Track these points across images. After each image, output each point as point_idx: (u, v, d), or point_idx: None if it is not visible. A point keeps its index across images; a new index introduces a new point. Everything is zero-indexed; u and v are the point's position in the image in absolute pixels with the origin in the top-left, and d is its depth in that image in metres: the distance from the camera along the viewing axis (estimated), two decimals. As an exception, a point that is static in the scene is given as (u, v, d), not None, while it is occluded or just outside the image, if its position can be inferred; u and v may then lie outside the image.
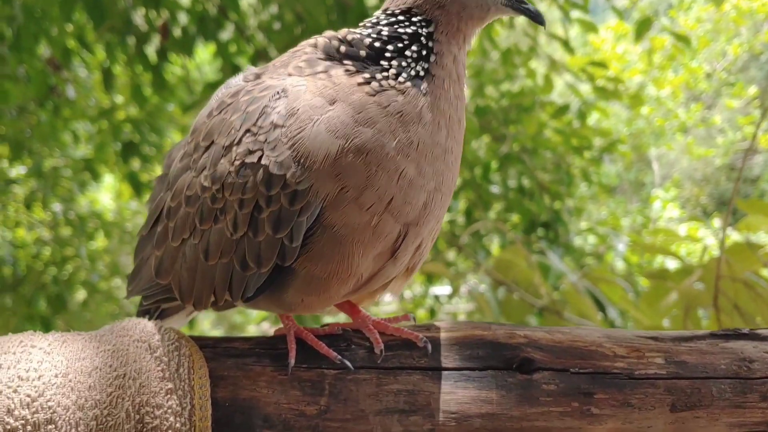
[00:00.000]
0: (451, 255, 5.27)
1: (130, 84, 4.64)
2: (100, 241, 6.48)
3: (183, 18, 4.15)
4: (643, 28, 4.10)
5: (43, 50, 4.61)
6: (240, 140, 1.07)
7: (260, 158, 1.05)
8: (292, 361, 1.10)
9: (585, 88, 4.74)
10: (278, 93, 1.07)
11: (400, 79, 1.07)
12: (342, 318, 1.31)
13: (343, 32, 1.15)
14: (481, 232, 4.94)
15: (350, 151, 1.01)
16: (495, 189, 5.10)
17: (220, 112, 1.15)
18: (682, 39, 4.24)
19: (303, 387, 1.09)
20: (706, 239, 6.80)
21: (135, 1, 3.87)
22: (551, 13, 4.03)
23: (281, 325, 1.19)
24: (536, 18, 1.15)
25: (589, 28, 3.88)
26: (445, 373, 1.13)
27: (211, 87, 4.19)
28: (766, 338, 1.22)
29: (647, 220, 9.78)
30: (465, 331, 1.18)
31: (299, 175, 1.02)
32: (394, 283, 1.23)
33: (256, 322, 7.97)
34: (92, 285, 5.97)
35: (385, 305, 7.45)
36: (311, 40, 1.18)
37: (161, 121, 5.19)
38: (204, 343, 1.12)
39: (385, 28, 1.13)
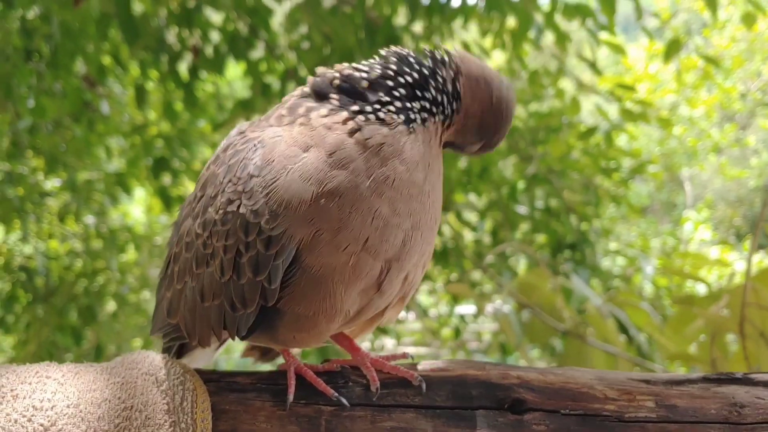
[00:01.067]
0: (476, 274, 5.25)
1: (162, 101, 4.73)
2: (130, 254, 6.57)
3: (215, 36, 4.22)
4: (672, 49, 4.07)
5: (79, 67, 4.72)
6: (223, 190, 1.12)
7: (239, 207, 1.09)
8: (291, 397, 1.13)
9: (614, 109, 4.71)
10: (255, 145, 1.11)
11: (392, 107, 1.11)
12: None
13: (341, 66, 1.18)
14: (506, 252, 4.91)
15: (323, 196, 1.04)
16: (522, 209, 5.08)
17: (213, 165, 1.20)
18: (712, 61, 4.21)
19: (300, 422, 1.11)
20: (735, 263, 6.67)
21: (168, 20, 3.95)
22: (579, 33, 4.02)
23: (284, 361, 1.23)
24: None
25: (618, 50, 3.86)
26: (438, 411, 1.15)
27: (242, 104, 4.26)
28: (758, 383, 1.21)
29: (678, 241, 9.64)
30: (460, 371, 1.20)
31: (272, 221, 1.05)
32: (388, 312, 1.25)
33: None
34: (122, 297, 6.05)
35: (410, 323, 7.45)
36: (306, 85, 1.21)
37: (192, 137, 5.28)
38: (208, 378, 1.15)
39: (396, 63, 1.16)
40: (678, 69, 6.49)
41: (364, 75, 1.13)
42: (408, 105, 1.11)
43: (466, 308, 5.90)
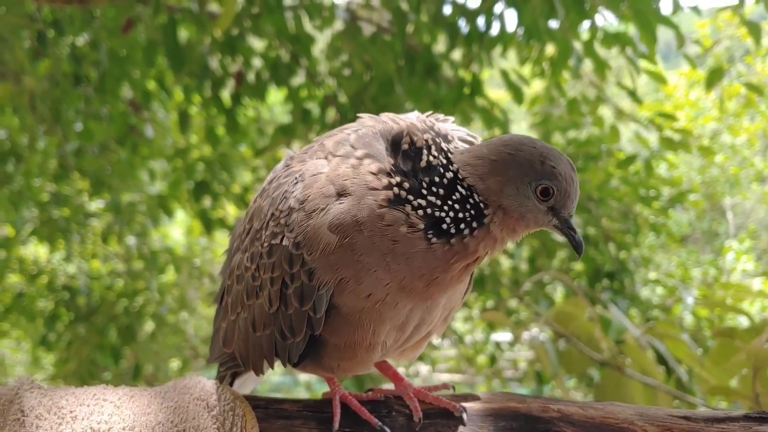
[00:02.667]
0: (513, 302, 5.21)
1: (205, 125, 4.83)
2: (170, 275, 6.66)
3: (257, 63, 4.31)
4: (714, 77, 4.03)
5: (126, 92, 4.85)
6: (267, 224, 1.17)
7: (282, 239, 1.13)
8: (336, 426, 1.15)
9: (654, 138, 4.67)
10: (296, 178, 1.15)
11: (420, 212, 1.08)
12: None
13: (419, 128, 1.15)
14: (544, 280, 4.87)
15: (345, 247, 1.07)
16: (560, 237, 5.04)
17: (260, 198, 1.24)
18: (755, 88, 4.15)
19: (345, 450, 1.13)
20: (779, 295, 6.51)
21: (212, 48, 4.04)
22: (619, 61, 4.00)
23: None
24: (577, 248, 1.18)
25: (659, 78, 3.84)
26: None
27: (282, 130, 4.33)
28: (802, 424, 1.17)
29: (719, 272, 9.43)
30: (501, 403, 1.21)
31: (311, 255, 1.09)
32: (433, 332, 1.29)
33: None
34: (161, 318, 6.13)
35: (445, 350, 7.40)
36: (372, 120, 1.21)
37: (233, 161, 5.36)
38: (257, 404, 1.18)
39: (448, 175, 1.12)
40: (720, 96, 6.38)
41: (430, 160, 1.11)
42: (439, 214, 1.09)
43: (502, 336, 5.85)
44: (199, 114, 5.09)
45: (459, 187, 1.11)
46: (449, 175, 1.11)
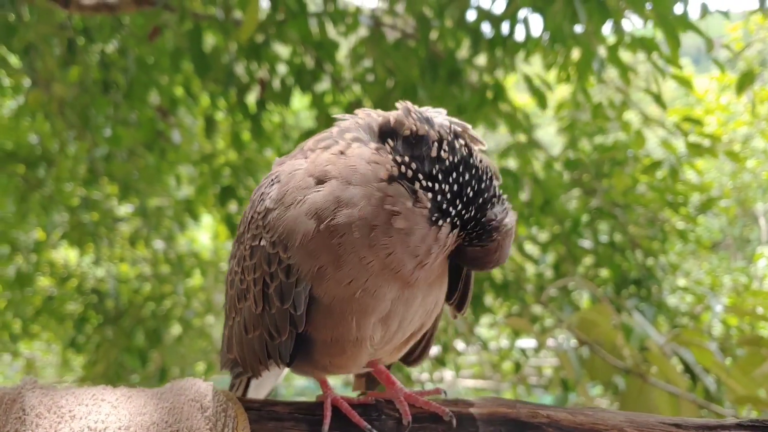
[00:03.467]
0: (538, 308, 5.18)
1: (231, 131, 4.87)
2: (196, 279, 6.73)
3: (282, 69, 4.34)
4: (745, 81, 3.97)
5: (153, 98, 4.92)
6: (248, 227, 1.19)
7: (260, 240, 1.15)
8: (326, 428, 1.17)
9: (682, 143, 4.61)
10: (273, 180, 1.16)
11: (429, 195, 1.07)
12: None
13: (416, 122, 1.14)
14: (569, 287, 4.83)
15: (324, 232, 1.06)
16: (586, 243, 5.00)
17: (248, 205, 1.25)
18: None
19: (334, 452, 1.15)
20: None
21: (237, 54, 4.08)
22: (647, 65, 3.96)
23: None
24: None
25: (685, 83, 3.79)
26: None
27: (307, 135, 4.35)
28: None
29: (750, 279, 9.26)
30: (490, 408, 1.22)
31: (287, 251, 1.10)
32: (416, 335, 1.30)
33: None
34: (187, 321, 6.19)
35: (469, 356, 7.36)
36: (351, 117, 1.21)
37: (258, 166, 5.41)
38: (250, 406, 1.20)
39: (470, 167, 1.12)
40: (751, 100, 6.28)
41: (435, 149, 1.11)
42: (449, 197, 1.09)
43: (528, 342, 5.81)
44: (225, 120, 5.14)
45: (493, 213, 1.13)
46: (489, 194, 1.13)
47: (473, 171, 1.11)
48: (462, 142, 1.14)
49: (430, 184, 1.07)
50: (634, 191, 4.89)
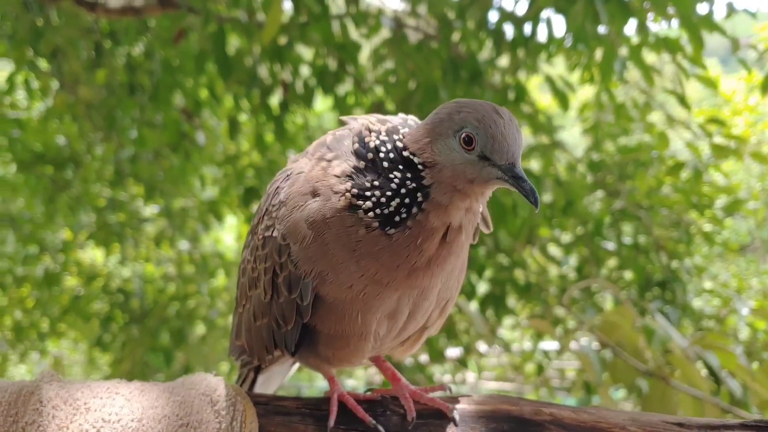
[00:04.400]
0: (561, 310, 5.15)
1: (254, 132, 4.91)
2: (220, 279, 6.78)
3: (305, 71, 4.36)
4: (769, 82, 3.92)
5: (178, 100, 4.97)
6: (262, 218, 1.24)
7: (273, 231, 1.19)
8: (332, 423, 1.19)
9: (708, 144, 4.56)
10: (288, 176, 1.21)
11: (370, 214, 1.10)
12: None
13: (374, 126, 1.18)
14: (593, 289, 4.80)
15: (319, 242, 1.12)
16: (609, 246, 4.96)
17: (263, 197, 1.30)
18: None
19: (339, 446, 1.17)
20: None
21: (261, 56, 4.11)
22: (671, 66, 3.91)
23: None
24: (528, 196, 1.10)
25: (710, 84, 3.75)
26: None
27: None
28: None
29: (778, 282, 9.11)
30: (493, 405, 1.23)
31: (296, 245, 1.15)
32: (429, 325, 1.32)
33: (364, 368, 8.05)
34: (211, 321, 6.24)
35: (491, 358, 7.33)
36: (356, 122, 1.24)
37: (281, 167, 5.44)
38: (258, 400, 1.23)
39: (388, 157, 1.14)
40: (779, 101, 6.19)
41: (370, 156, 1.14)
42: (385, 201, 1.10)
43: (550, 344, 5.77)
44: (248, 121, 5.18)
45: (399, 165, 1.12)
46: (391, 155, 1.13)
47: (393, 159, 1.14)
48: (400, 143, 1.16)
49: (369, 204, 1.10)
50: (659, 193, 4.84)
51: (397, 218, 1.09)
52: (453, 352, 5.46)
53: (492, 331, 4.91)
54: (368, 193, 1.11)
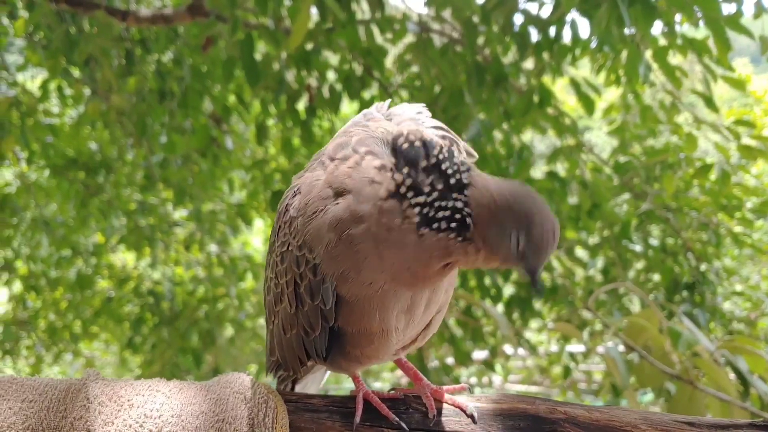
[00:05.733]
0: (588, 313, 5.13)
1: (281, 137, 4.97)
2: (249, 282, 6.86)
3: (331, 75, 4.41)
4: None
5: (207, 106, 5.05)
6: (277, 236, 1.30)
7: (288, 246, 1.25)
8: (357, 420, 1.25)
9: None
10: (294, 192, 1.25)
11: (417, 209, 1.14)
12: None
13: (419, 130, 1.22)
14: (620, 291, 4.77)
15: (342, 242, 1.15)
16: (637, 248, 4.93)
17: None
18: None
19: (364, 442, 1.23)
20: None
21: (288, 62, 4.16)
22: (699, 66, 3.88)
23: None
24: (536, 288, 1.21)
25: (738, 85, 3.72)
26: None
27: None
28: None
29: (811, 285, 8.95)
30: (510, 404, 1.28)
31: (312, 252, 1.20)
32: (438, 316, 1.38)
33: (390, 370, 8.10)
34: (240, 323, 6.32)
35: (517, 360, 7.32)
36: (374, 124, 1.27)
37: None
38: (289, 398, 1.29)
39: (453, 178, 1.17)
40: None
41: (424, 157, 1.17)
42: (435, 206, 1.14)
43: (577, 347, 5.75)
44: (275, 126, 5.24)
45: (459, 198, 1.16)
46: (458, 182, 1.17)
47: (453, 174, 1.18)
48: (450, 149, 1.20)
49: (419, 199, 1.14)
50: (686, 195, 4.80)
51: (435, 225, 1.14)
52: (480, 354, 5.47)
53: (518, 334, 4.91)
54: (425, 189, 1.14)
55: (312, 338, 1.29)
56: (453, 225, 1.14)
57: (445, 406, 1.29)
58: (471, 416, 1.25)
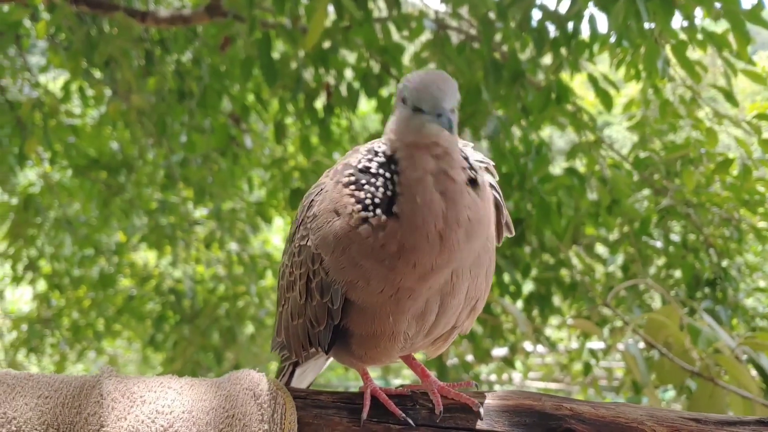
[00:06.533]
0: (608, 310, 5.09)
1: (300, 135, 4.99)
2: (268, 280, 6.89)
3: (349, 74, 4.42)
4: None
5: (225, 105, 5.09)
6: (298, 227, 1.32)
7: (307, 241, 1.27)
8: (365, 416, 1.26)
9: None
10: (321, 190, 1.28)
11: (362, 213, 1.17)
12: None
13: (368, 148, 1.25)
14: (640, 288, 4.73)
15: (346, 255, 1.19)
16: (657, 244, 4.88)
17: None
18: None
19: (372, 438, 1.25)
20: None
21: (305, 61, 4.18)
22: (718, 61, 3.85)
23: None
24: (444, 126, 1.20)
25: (757, 79, 3.67)
26: None
27: (374, 138, 4.40)
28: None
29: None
30: (517, 400, 1.28)
31: (327, 256, 1.22)
32: (459, 328, 1.37)
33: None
34: (260, 321, 6.36)
35: (536, 357, 7.29)
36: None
37: (326, 169, 5.50)
38: (297, 394, 1.30)
39: (364, 161, 1.22)
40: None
41: (367, 170, 1.20)
42: (380, 190, 1.17)
43: (598, 343, 5.71)
44: (294, 124, 5.26)
45: (383, 162, 1.20)
46: (379, 157, 1.21)
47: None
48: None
49: (371, 199, 1.17)
50: (708, 190, 4.74)
51: (385, 203, 1.16)
52: (499, 351, 5.45)
53: (538, 331, 4.89)
54: (368, 199, 1.17)
55: (316, 331, 1.32)
56: (388, 176, 1.17)
57: (451, 402, 1.30)
58: (477, 412, 1.26)
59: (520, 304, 4.65)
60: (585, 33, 3.91)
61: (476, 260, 1.25)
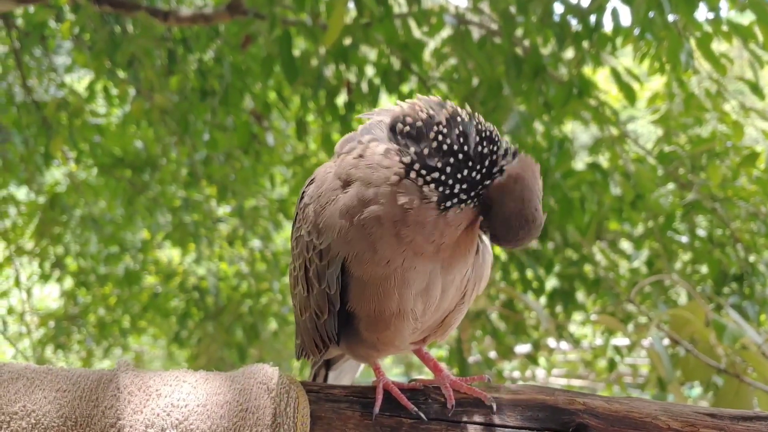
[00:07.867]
0: (632, 306, 5.04)
1: (321, 132, 5.01)
2: (291, 277, 6.90)
3: (369, 70, 4.42)
4: None
5: (247, 103, 5.11)
6: (294, 221, 1.35)
7: (301, 231, 1.30)
8: (377, 410, 1.26)
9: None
10: (310, 181, 1.30)
11: (432, 186, 1.14)
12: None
13: (418, 110, 1.21)
14: (665, 284, 4.68)
15: (356, 227, 1.18)
16: (683, 239, 4.83)
17: None
18: None
19: (383, 431, 1.25)
20: None
21: (326, 58, 4.19)
22: (745, 54, 3.79)
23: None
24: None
25: (785, 70, 3.62)
26: (506, 430, 1.24)
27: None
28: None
29: None
30: (529, 395, 1.27)
31: (320, 238, 1.24)
32: (458, 308, 1.38)
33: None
34: (283, 317, 6.39)
35: (560, 354, 7.24)
36: (382, 111, 1.28)
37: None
38: (310, 388, 1.31)
39: (461, 133, 1.18)
40: None
41: (432, 133, 1.17)
42: (451, 182, 1.15)
43: (623, 340, 5.66)
44: (315, 121, 5.27)
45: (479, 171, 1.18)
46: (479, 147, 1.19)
47: (474, 143, 1.18)
48: (462, 116, 1.21)
49: (434, 176, 1.15)
50: (734, 184, 4.67)
51: (455, 200, 1.15)
52: (523, 348, 5.43)
53: (561, 327, 4.86)
54: (438, 165, 1.15)
55: (322, 321, 1.33)
56: (473, 195, 1.17)
57: (464, 396, 1.30)
58: (490, 407, 1.26)
59: (543, 300, 4.63)
60: (608, 26, 3.88)
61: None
